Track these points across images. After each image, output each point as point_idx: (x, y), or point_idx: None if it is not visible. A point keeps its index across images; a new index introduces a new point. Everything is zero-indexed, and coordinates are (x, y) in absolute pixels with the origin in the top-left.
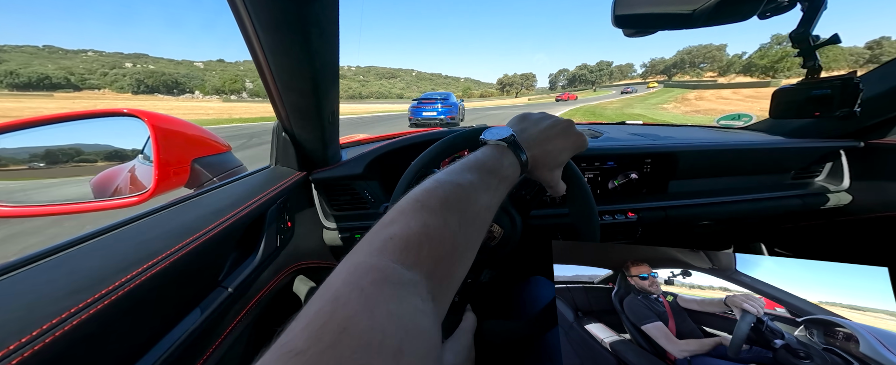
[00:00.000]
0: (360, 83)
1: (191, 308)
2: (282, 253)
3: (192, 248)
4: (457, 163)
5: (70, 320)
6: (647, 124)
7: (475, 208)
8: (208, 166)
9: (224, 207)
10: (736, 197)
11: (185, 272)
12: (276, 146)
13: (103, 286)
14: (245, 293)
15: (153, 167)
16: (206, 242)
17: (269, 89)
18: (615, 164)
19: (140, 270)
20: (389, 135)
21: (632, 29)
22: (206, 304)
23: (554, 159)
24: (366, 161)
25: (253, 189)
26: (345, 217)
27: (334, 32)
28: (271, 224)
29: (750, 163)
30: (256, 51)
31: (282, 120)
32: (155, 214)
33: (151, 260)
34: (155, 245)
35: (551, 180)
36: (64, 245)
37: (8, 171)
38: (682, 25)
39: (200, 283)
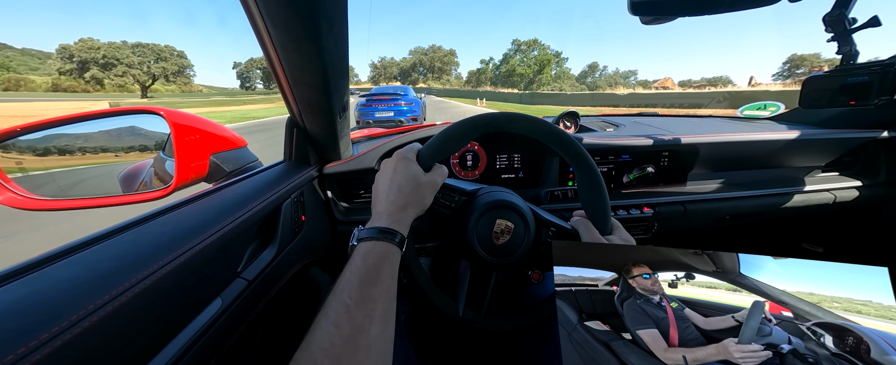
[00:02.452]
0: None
1: (212, 298)
2: (296, 246)
3: (213, 240)
4: (341, 279)
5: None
6: (666, 114)
7: (372, 318)
8: (225, 161)
9: (242, 202)
10: (760, 191)
11: (206, 263)
12: (290, 141)
13: (127, 279)
14: (262, 284)
15: (175, 162)
16: (226, 235)
17: (281, 85)
18: (630, 158)
19: (162, 263)
20: (401, 129)
21: (650, 16)
22: (227, 294)
23: (420, 208)
24: (378, 155)
25: (269, 184)
26: (357, 210)
27: (343, 26)
28: (286, 218)
29: (776, 155)
30: (267, 47)
31: (294, 115)
32: (176, 210)
33: (173, 253)
34: (176, 238)
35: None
36: (88, 240)
37: (41, 166)
38: (704, 10)
39: (221, 274)
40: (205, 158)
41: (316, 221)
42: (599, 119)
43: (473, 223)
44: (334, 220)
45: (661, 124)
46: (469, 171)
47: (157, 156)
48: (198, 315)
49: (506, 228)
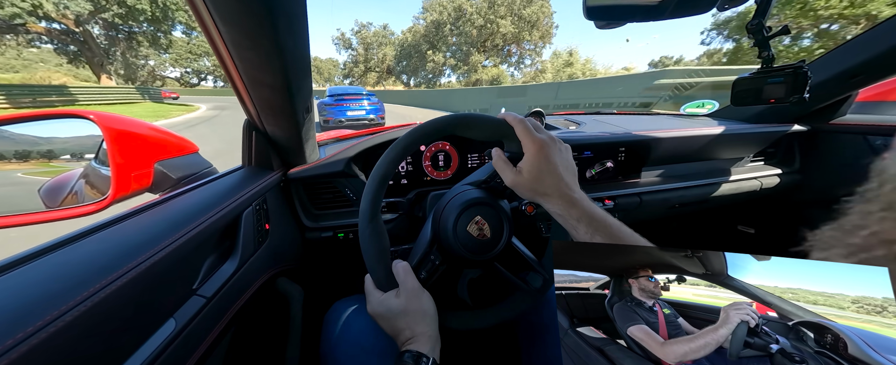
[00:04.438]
0: None
1: (164, 319)
2: (260, 256)
3: (162, 256)
4: None
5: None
6: (621, 113)
7: None
8: (174, 168)
9: (196, 212)
10: (702, 181)
11: (155, 282)
12: (249, 145)
13: (57, 306)
14: (222, 300)
15: (111, 171)
16: (177, 250)
17: (235, 86)
18: (592, 154)
19: (103, 284)
20: (369, 131)
21: (603, 20)
22: (182, 314)
23: (419, 338)
24: (347, 158)
25: (226, 191)
26: (326, 216)
27: (303, 22)
28: (248, 227)
29: (714, 148)
30: (217, 44)
31: (252, 118)
32: (118, 224)
33: (117, 272)
34: (120, 256)
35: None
36: (15, 261)
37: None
38: (650, 17)
39: (174, 292)
40: (148, 167)
41: (282, 228)
42: (563, 118)
43: (451, 229)
44: (302, 226)
45: (618, 122)
46: (441, 171)
47: (89, 165)
48: (147, 340)
49: (480, 223)
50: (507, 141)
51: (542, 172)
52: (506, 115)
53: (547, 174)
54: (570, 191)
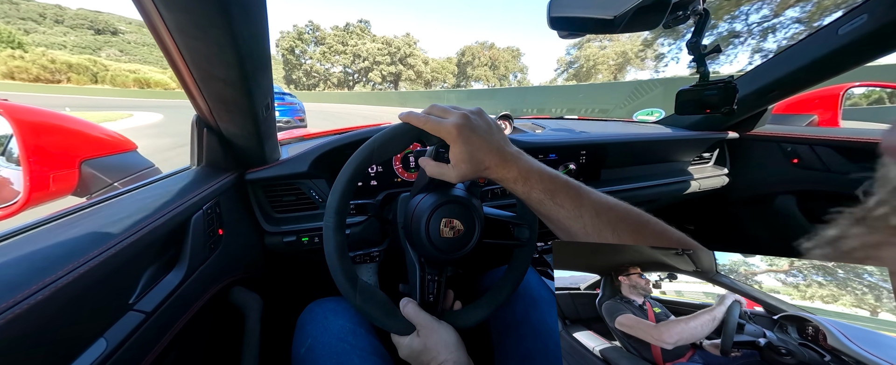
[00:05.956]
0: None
1: (93, 339)
2: (212, 265)
3: (89, 268)
4: None
5: None
6: (581, 119)
7: None
8: (105, 169)
9: (134, 218)
10: (652, 182)
11: (82, 297)
12: (199, 143)
13: None
14: (165, 314)
15: (21, 172)
16: (109, 260)
17: (183, 78)
18: (556, 157)
19: (11, 302)
20: (335, 130)
21: (565, 31)
22: (115, 332)
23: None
24: (311, 158)
25: (171, 194)
26: (289, 220)
27: (261, 10)
28: (198, 233)
29: (661, 152)
30: (161, 32)
31: (203, 114)
32: (28, 233)
33: (29, 289)
34: (35, 271)
35: None
36: None
37: None
38: (605, 30)
39: (105, 308)
40: (72, 166)
41: (238, 234)
42: (530, 122)
43: (427, 241)
44: (262, 231)
45: (578, 127)
46: (412, 171)
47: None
48: (71, 363)
49: (449, 222)
50: (426, 138)
51: (472, 151)
52: (407, 118)
53: (477, 150)
54: (503, 150)
